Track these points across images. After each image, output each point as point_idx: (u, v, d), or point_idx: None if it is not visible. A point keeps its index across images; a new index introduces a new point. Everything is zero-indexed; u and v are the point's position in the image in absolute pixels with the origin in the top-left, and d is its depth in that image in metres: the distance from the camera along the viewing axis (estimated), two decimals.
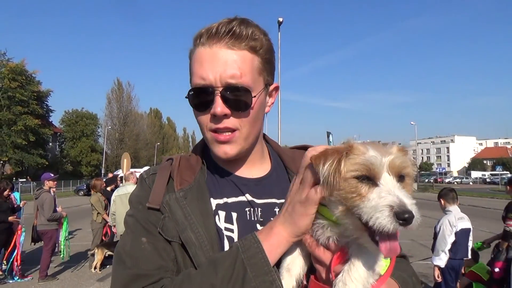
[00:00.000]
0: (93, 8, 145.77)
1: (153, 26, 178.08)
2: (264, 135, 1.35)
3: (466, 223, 5.80)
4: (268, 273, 0.93)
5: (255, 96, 1.11)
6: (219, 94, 1.07)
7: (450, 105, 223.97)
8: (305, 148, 1.38)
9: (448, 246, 5.65)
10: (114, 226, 8.78)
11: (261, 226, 1.15)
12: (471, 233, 5.91)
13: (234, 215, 1.16)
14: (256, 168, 1.26)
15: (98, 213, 9.89)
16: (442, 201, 6.02)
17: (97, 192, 10.15)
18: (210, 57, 1.07)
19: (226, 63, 1.07)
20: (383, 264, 0.95)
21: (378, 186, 0.85)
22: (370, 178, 0.86)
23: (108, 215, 10.12)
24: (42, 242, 8.91)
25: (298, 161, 1.28)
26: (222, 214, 1.15)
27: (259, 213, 1.18)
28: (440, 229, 5.80)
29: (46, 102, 50.76)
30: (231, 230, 1.13)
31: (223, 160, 1.20)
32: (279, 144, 1.43)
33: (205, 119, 1.12)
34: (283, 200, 1.17)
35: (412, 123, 67.10)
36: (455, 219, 5.71)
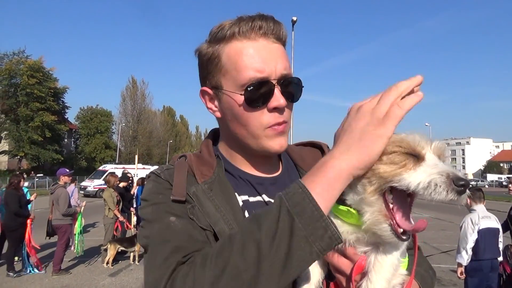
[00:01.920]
0: (109, 5, 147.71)
1: (168, 23, 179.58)
2: None
3: (492, 222, 5.70)
4: (319, 218, 0.78)
5: (303, 86, 1.13)
6: (278, 87, 1.05)
7: (466, 107, 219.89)
8: (311, 144, 1.36)
9: (470, 244, 5.56)
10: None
11: None
12: (500, 233, 5.79)
13: None
14: (270, 166, 1.21)
15: (110, 208, 10.02)
16: (468, 200, 5.93)
17: (110, 187, 10.29)
18: (262, 50, 1.04)
19: (278, 56, 1.06)
20: (403, 273, 0.92)
21: (424, 161, 0.80)
22: (415, 156, 0.80)
23: (119, 211, 10.29)
24: (57, 236, 9.09)
25: (306, 159, 1.28)
26: (245, 212, 1.09)
27: None
28: (462, 227, 5.74)
29: (62, 99, 51.57)
30: None
31: (241, 158, 1.17)
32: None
33: (260, 115, 1.05)
34: None
35: (426, 124, 66.12)
36: (479, 218, 5.62)
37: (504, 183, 73.55)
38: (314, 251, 0.78)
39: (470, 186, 0.75)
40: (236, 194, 1.10)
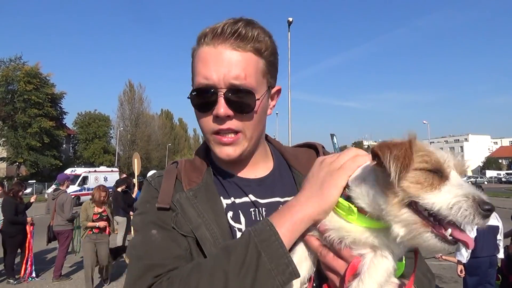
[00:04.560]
0: (105, 11, 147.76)
1: (164, 27, 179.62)
2: (266, 135, 1.33)
3: (492, 220, 5.66)
4: (283, 255, 0.89)
5: (258, 99, 1.10)
6: (223, 95, 1.06)
7: (464, 104, 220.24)
8: (307, 145, 1.39)
9: None
10: None
11: None
12: (500, 231, 5.78)
13: (241, 214, 1.16)
14: (259, 168, 1.25)
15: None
16: None
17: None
18: (215, 57, 1.06)
19: (231, 64, 1.05)
20: (395, 281, 0.90)
21: (448, 180, 0.81)
22: (439, 173, 0.81)
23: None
24: (57, 242, 9.04)
25: (301, 159, 1.31)
26: (230, 214, 1.15)
27: (264, 213, 1.17)
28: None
29: (60, 105, 51.45)
30: (240, 230, 1.13)
31: (226, 162, 1.20)
32: (284, 143, 1.42)
33: (207, 121, 1.11)
34: (287, 198, 1.17)
35: (424, 122, 66.40)
36: None
37: (503, 179, 73.68)
38: (276, 284, 0.86)
39: (494, 209, 0.76)
40: (221, 198, 1.16)
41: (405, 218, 0.82)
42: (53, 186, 28.35)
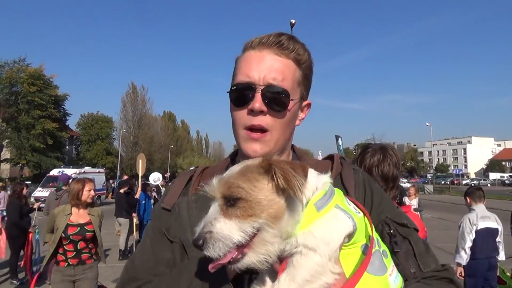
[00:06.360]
0: (108, 13, 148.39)
1: (166, 29, 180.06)
2: (292, 145, 1.36)
3: (491, 223, 5.67)
4: (223, 276, 0.98)
5: (292, 100, 1.18)
6: (260, 91, 1.14)
7: (467, 106, 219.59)
8: (331, 157, 1.36)
9: (469, 244, 5.56)
10: None
11: None
12: (500, 234, 5.76)
13: None
14: None
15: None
16: (468, 199, 5.93)
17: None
18: (258, 59, 1.16)
19: (272, 66, 1.15)
20: (336, 272, 0.86)
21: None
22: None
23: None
24: None
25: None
26: None
27: None
28: (460, 227, 5.74)
29: (63, 106, 51.62)
30: None
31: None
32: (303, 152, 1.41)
33: (241, 114, 1.17)
34: None
35: (427, 124, 66.21)
36: (477, 218, 5.61)
37: (506, 181, 73.28)
38: None
39: (202, 241, 0.84)
40: None
41: None
42: (39, 188, 27.71)
